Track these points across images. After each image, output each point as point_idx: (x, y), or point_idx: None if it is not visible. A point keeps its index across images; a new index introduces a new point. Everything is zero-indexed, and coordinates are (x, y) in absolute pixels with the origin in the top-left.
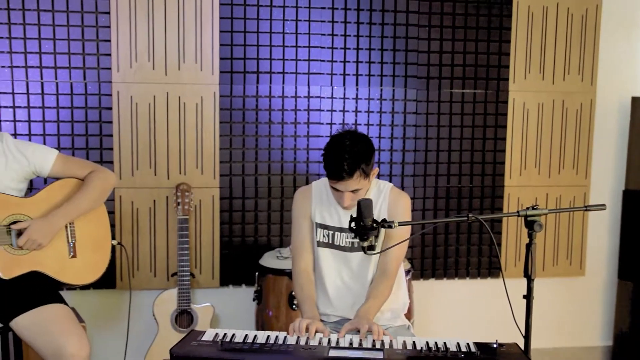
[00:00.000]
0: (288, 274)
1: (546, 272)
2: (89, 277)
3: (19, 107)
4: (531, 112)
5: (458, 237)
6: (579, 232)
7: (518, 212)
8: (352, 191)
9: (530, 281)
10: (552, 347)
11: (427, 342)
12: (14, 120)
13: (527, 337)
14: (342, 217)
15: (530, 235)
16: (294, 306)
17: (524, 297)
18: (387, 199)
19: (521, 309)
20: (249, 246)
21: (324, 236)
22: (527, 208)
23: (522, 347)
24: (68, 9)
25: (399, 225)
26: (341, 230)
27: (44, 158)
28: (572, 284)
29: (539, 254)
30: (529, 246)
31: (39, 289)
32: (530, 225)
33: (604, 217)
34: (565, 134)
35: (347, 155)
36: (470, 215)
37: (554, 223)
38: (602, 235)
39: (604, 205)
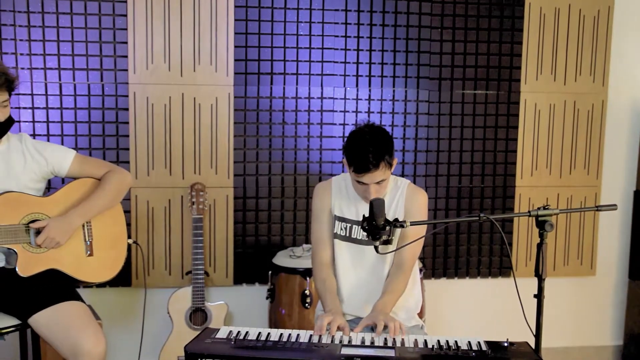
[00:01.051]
0: (301, 272)
1: (557, 272)
2: (105, 275)
3: (38, 108)
4: (542, 112)
5: (469, 237)
6: (589, 232)
7: (529, 212)
8: (377, 182)
9: (541, 280)
10: (562, 346)
11: (438, 341)
12: (33, 121)
13: (537, 336)
14: (360, 211)
15: (541, 235)
16: (306, 304)
17: (535, 296)
18: (404, 195)
19: (532, 308)
20: (263, 245)
21: (341, 229)
22: (539, 208)
23: (533, 346)
24: (86, 12)
25: (410, 225)
26: (359, 223)
27: (62, 158)
28: (583, 284)
29: (550, 253)
30: (540, 246)
31: (57, 287)
32: (541, 225)
33: (615, 218)
34: (577, 135)
35: (371, 147)
36: (481, 215)
37: (565, 223)
38: (612, 235)
39: (615, 205)
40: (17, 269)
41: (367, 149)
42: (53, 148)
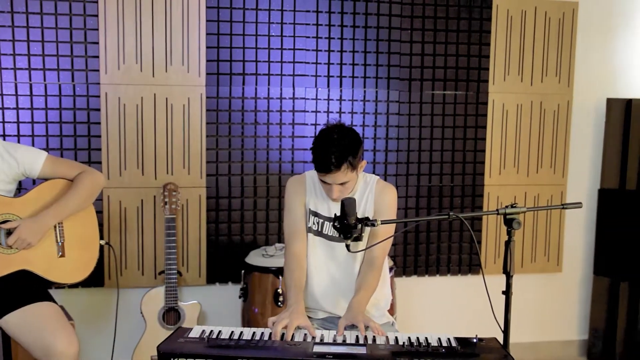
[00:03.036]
0: (273, 271)
1: (525, 269)
2: (77, 276)
3: (8, 108)
4: (510, 113)
5: (439, 235)
6: (556, 229)
7: (497, 210)
8: (340, 183)
9: (509, 277)
10: (530, 341)
11: (409, 337)
12: (3, 122)
13: (506, 331)
14: (332, 208)
15: (509, 233)
16: (279, 303)
17: (503, 293)
18: (373, 191)
19: (500, 304)
20: (235, 244)
21: (314, 223)
22: (506, 206)
23: (501, 341)
24: (56, 12)
25: (381, 224)
26: (330, 220)
27: (34, 160)
28: (550, 280)
29: (518, 251)
30: (507, 243)
31: (28, 288)
32: (509, 223)
33: (580, 215)
34: (543, 135)
35: (335, 148)
36: (451, 213)
37: (532, 221)
38: (578, 232)
39: (580, 203)
40: None
41: (330, 150)
42: (24, 150)
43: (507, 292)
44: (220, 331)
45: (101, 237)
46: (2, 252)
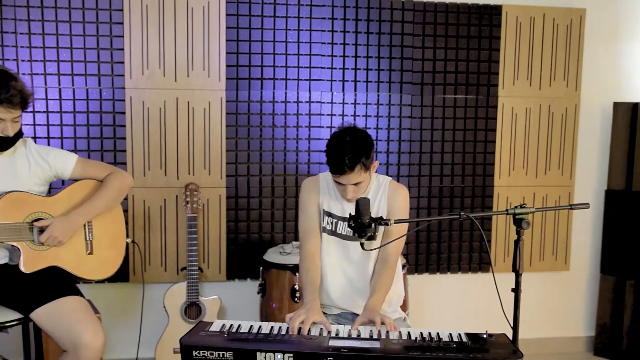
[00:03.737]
0: (291, 268)
1: (533, 267)
2: (105, 272)
3: (38, 111)
4: (519, 116)
5: (450, 234)
6: (564, 229)
7: (507, 210)
8: (354, 184)
9: (518, 275)
10: (538, 337)
11: (421, 333)
12: (34, 124)
13: (515, 327)
14: (345, 208)
15: (518, 232)
16: (296, 299)
17: (512, 290)
18: (386, 192)
19: (509, 301)
20: (254, 242)
21: (328, 223)
22: (516, 207)
23: (511, 337)
24: (84, 20)
25: (395, 223)
26: (344, 219)
27: (65, 163)
28: (558, 278)
29: (527, 250)
30: (517, 242)
31: (58, 283)
32: (518, 222)
33: (588, 216)
34: (551, 137)
35: (348, 150)
36: (462, 213)
37: (541, 221)
38: (585, 232)
39: (587, 204)
40: (20, 266)
41: (344, 152)
42: (56, 153)
43: (517, 290)
44: (239, 325)
45: (127, 235)
46: (34, 248)
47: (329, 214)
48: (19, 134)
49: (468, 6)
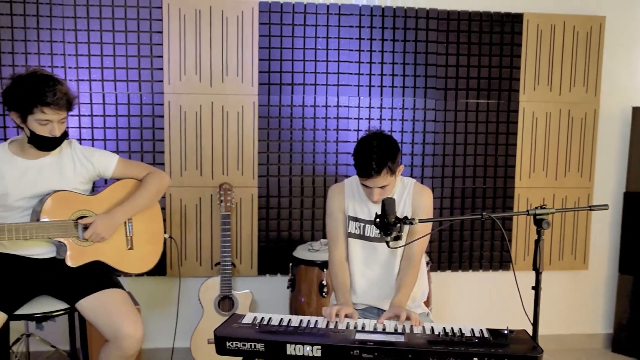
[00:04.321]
0: (319, 264)
1: (552, 266)
2: (144, 267)
3: (84, 115)
4: (539, 120)
5: (472, 233)
6: (583, 229)
7: (527, 211)
8: (381, 187)
9: (538, 274)
10: (557, 333)
11: (444, 328)
12: (79, 127)
13: (535, 324)
14: (372, 211)
15: (538, 232)
16: (323, 293)
17: (533, 288)
18: (411, 194)
19: (529, 299)
20: (284, 239)
21: (355, 228)
22: (536, 207)
23: (531, 333)
24: (126, 29)
25: (419, 223)
26: (371, 223)
27: (107, 163)
28: (577, 277)
29: (546, 249)
30: (537, 242)
31: (101, 276)
32: (539, 223)
33: (606, 217)
34: (571, 141)
35: (375, 155)
36: (484, 213)
37: (560, 221)
38: (604, 233)
39: (606, 205)
40: (66, 260)
41: (371, 156)
42: (99, 154)
43: (537, 288)
44: (270, 318)
45: (165, 232)
46: (79, 244)
47: (355, 219)
48: (65, 135)
49: (490, 14)
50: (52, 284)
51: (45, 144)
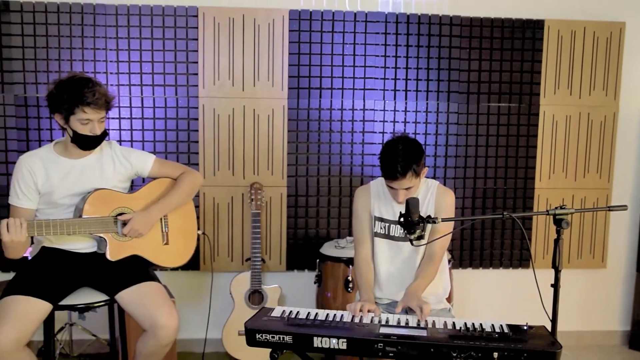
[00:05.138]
0: (344, 261)
1: (571, 264)
2: (179, 261)
3: (124, 118)
4: (559, 123)
5: (493, 232)
6: (601, 229)
7: (547, 211)
8: (406, 188)
9: (557, 272)
10: (576, 330)
11: (465, 323)
12: (119, 129)
13: (554, 320)
14: (397, 211)
15: (558, 232)
16: (349, 289)
17: (552, 285)
18: (434, 195)
19: (548, 296)
20: (311, 237)
21: (381, 228)
22: (556, 208)
23: (550, 329)
24: (164, 37)
25: (441, 222)
26: (396, 223)
27: (144, 162)
28: (595, 275)
29: (565, 248)
30: (557, 241)
31: (138, 269)
32: (558, 222)
33: (624, 217)
34: (590, 143)
35: (401, 158)
36: (505, 213)
37: (579, 221)
38: (622, 232)
39: (625, 206)
40: (106, 254)
41: (396, 160)
42: (137, 154)
43: (556, 285)
44: (298, 312)
45: (198, 228)
46: (118, 239)
47: (381, 219)
48: (104, 134)
49: (512, 21)
50: (94, 276)
51: (87, 142)
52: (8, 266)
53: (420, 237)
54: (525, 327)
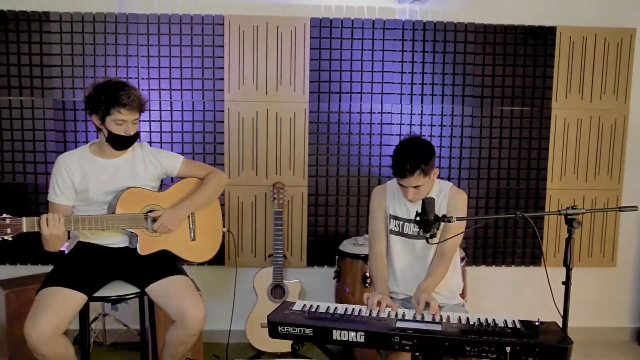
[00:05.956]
0: (363, 258)
1: (582, 263)
2: (205, 256)
3: (154, 120)
4: (571, 126)
5: (505, 231)
6: (611, 229)
7: (559, 211)
8: (414, 187)
9: (569, 270)
10: (585, 326)
11: (478, 318)
12: (150, 131)
13: (565, 317)
14: (410, 210)
15: (569, 231)
16: (366, 284)
17: (563, 283)
18: (446, 196)
19: (559, 293)
20: (331, 234)
21: (395, 226)
22: (568, 208)
23: (561, 325)
24: (192, 44)
25: (456, 221)
26: (409, 221)
27: (173, 163)
28: (605, 273)
29: (576, 247)
30: (568, 240)
31: (167, 263)
32: (570, 222)
33: (634, 217)
34: (601, 146)
35: (410, 157)
36: (517, 213)
37: (590, 221)
38: (632, 232)
39: (636, 206)
40: (137, 249)
41: (405, 158)
42: (166, 155)
43: (567, 283)
44: (318, 306)
45: (223, 226)
46: (149, 235)
47: (395, 217)
48: (137, 136)
49: (525, 27)
50: (125, 270)
51: (121, 142)
52: (47, 259)
53: (432, 235)
54: (537, 323)
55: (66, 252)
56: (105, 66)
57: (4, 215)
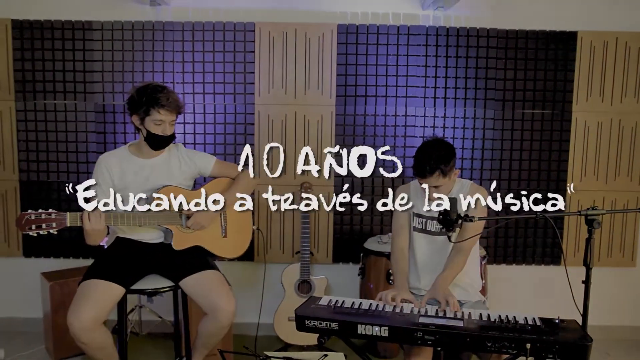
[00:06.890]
0: (386, 255)
1: (601, 262)
2: (235, 252)
3: (188, 123)
4: (591, 129)
5: (526, 231)
6: (631, 229)
7: (579, 211)
8: (434, 186)
9: (589, 269)
10: (605, 324)
11: (499, 315)
12: (184, 133)
13: (584, 315)
14: (432, 209)
15: (589, 231)
16: (390, 281)
17: (583, 282)
18: (467, 193)
19: (579, 291)
20: (356, 232)
21: (418, 223)
22: (588, 209)
23: (580, 323)
24: (224, 50)
25: (478, 220)
26: (432, 218)
27: (206, 163)
28: (624, 273)
29: (596, 247)
30: (588, 240)
31: (200, 259)
32: (590, 223)
33: None
34: (621, 148)
35: (430, 158)
36: (538, 213)
37: (610, 222)
38: None
39: None
40: (172, 245)
41: (426, 159)
42: (200, 155)
43: (587, 282)
44: (343, 301)
45: (253, 224)
46: (183, 231)
47: (419, 215)
48: (173, 136)
49: (546, 33)
50: (161, 264)
51: (158, 142)
52: (88, 253)
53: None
54: (557, 321)
55: (105, 247)
56: (143, 72)
57: (50, 210)
